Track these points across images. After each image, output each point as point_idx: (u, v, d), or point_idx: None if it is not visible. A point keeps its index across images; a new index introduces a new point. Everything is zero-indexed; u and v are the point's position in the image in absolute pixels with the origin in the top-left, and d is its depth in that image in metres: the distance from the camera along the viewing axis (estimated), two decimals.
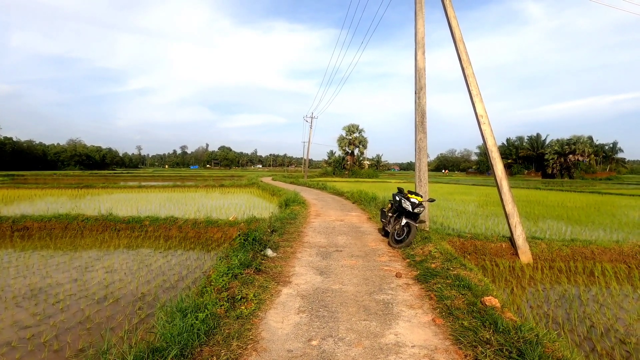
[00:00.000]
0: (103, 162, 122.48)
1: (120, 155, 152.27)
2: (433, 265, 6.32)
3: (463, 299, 4.76)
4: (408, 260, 6.92)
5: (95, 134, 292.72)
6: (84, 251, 9.72)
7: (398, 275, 5.95)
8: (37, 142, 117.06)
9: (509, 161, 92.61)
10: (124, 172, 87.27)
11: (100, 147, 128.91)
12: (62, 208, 15.46)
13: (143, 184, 36.84)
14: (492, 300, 4.61)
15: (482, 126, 8.86)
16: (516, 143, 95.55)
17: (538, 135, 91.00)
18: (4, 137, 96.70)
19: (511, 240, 9.00)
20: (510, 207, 8.85)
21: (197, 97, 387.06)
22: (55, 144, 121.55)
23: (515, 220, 8.77)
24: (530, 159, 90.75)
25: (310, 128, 48.05)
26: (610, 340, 4.95)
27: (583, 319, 5.65)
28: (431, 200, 8.84)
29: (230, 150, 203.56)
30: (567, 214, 16.21)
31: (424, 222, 9.28)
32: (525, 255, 8.71)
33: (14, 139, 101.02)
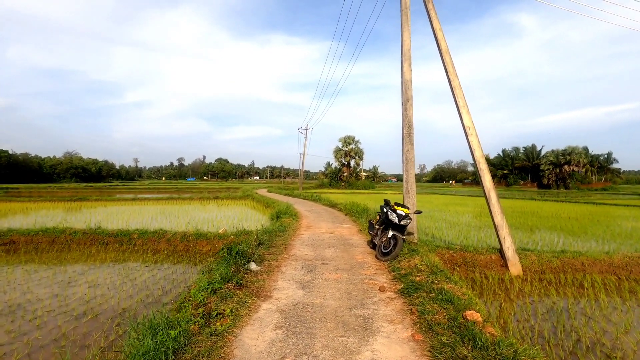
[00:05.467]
0: (99, 175, 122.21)
1: (117, 167, 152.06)
2: (418, 279, 6.23)
3: (444, 314, 4.67)
4: (393, 273, 6.82)
5: (91, 147, 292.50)
6: (69, 265, 9.57)
7: (382, 289, 5.86)
8: (33, 154, 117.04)
9: (505, 172, 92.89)
10: (119, 184, 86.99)
11: (96, 159, 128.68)
12: (53, 221, 15.31)
13: (139, 196, 36.65)
14: (473, 315, 4.52)
15: (469, 137, 8.85)
16: (512, 154, 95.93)
17: (533, 146, 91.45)
18: None
19: (501, 252, 8.93)
20: (499, 218, 8.79)
21: (194, 110, 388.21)
22: (52, 157, 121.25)
23: (504, 231, 8.71)
24: (526, 169, 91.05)
25: (305, 140, 48.11)
26: (595, 355, 4.85)
27: (569, 333, 5.56)
28: (418, 212, 8.78)
29: (227, 162, 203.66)
30: (560, 225, 16.16)
31: (412, 234, 9.21)
32: (514, 267, 8.62)
33: (10, 152, 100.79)
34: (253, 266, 6.89)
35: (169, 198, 32.18)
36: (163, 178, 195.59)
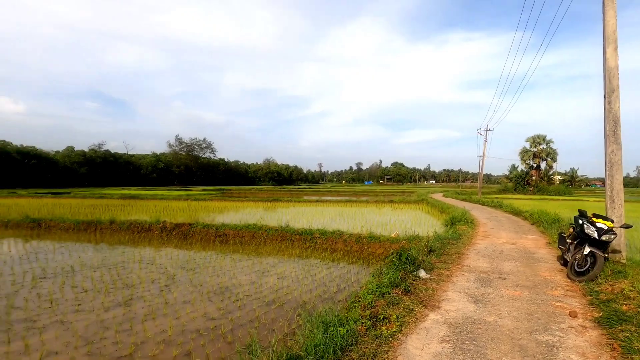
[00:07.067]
0: (290, 178, 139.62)
1: (305, 172, 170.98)
2: (624, 308, 5.13)
3: None
4: (590, 297, 5.77)
5: (284, 154, 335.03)
6: (264, 257, 11.16)
7: (572, 315, 5.04)
8: (242, 162, 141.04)
9: None
10: (306, 187, 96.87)
11: (288, 165, 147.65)
12: (254, 219, 18.08)
13: (322, 198, 40.13)
14: None
15: None
16: None
17: None
18: (218, 158, 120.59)
19: None
20: None
21: (371, 116, 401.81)
22: (255, 163, 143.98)
23: None
24: None
25: (485, 141, 44.53)
26: None
27: None
28: (627, 227, 7.17)
29: (403, 166, 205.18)
30: None
31: (618, 252, 7.59)
32: None
33: (225, 160, 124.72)
34: (422, 273, 6.81)
35: (348, 201, 34.21)
36: (343, 181, 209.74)
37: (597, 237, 6.58)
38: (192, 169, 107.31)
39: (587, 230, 6.74)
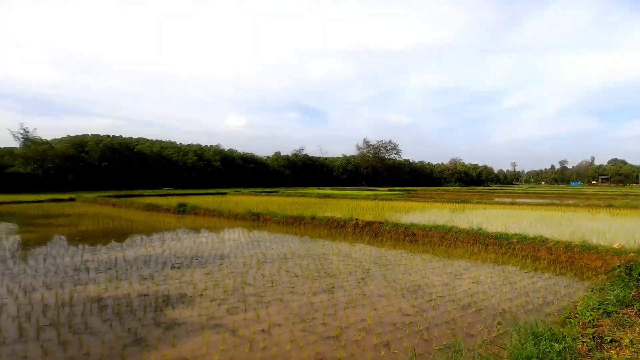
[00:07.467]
0: (479, 179, 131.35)
1: (495, 172, 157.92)
2: None
3: None
4: None
5: (471, 153, 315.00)
6: (455, 260, 10.81)
7: None
8: (426, 162, 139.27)
9: None
10: (497, 188, 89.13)
11: (476, 165, 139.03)
12: (441, 220, 17.67)
13: (516, 200, 36.32)
14: None
15: None
16: None
17: None
18: (403, 159, 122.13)
19: None
20: None
21: (580, 106, 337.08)
22: (440, 163, 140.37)
23: None
24: None
25: None
26: None
27: None
28: None
29: (625, 163, 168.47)
30: None
31: None
32: None
33: (411, 161, 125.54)
34: None
35: (550, 204, 30.08)
36: (543, 182, 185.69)
37: None
38: (378, 170, 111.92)
39: None
